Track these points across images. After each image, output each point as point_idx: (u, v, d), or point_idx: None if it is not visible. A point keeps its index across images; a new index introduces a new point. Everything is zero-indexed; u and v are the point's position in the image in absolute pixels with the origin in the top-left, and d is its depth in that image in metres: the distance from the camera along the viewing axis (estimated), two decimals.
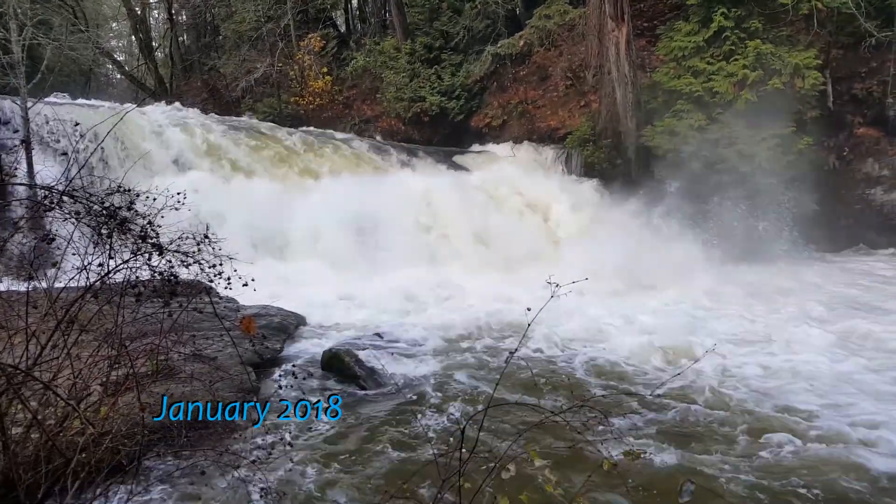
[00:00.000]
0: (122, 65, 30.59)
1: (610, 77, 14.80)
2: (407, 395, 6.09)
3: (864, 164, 14.58)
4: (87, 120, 9.81)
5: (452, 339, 7.91)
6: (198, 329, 5.54)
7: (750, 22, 13.83)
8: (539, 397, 5.58)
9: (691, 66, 14.28)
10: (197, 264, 3.39)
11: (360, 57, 20.88)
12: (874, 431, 5.12)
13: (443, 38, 19.88)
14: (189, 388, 4.85)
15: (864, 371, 6.60)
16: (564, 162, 16.29)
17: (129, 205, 3.44)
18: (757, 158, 13.14)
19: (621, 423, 4.84)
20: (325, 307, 9.21)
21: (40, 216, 3.69)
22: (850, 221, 14.43)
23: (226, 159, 13.00)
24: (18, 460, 3.01)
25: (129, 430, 3.35)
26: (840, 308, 9.31)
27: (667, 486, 4.17)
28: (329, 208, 12.12)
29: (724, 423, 5.39)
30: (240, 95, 21.22)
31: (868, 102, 14.76)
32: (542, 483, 3.30)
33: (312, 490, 4.31)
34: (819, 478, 4.42)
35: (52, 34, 13.78)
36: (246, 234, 10.86)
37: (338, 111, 20.40)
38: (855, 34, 14.34)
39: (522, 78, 18.36)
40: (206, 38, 27.03)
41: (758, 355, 7.18)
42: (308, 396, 4.81)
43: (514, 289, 10.20)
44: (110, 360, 3.54)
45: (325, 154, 14.48)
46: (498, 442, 2.99)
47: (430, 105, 18.50)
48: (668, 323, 8.49)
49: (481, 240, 13.03)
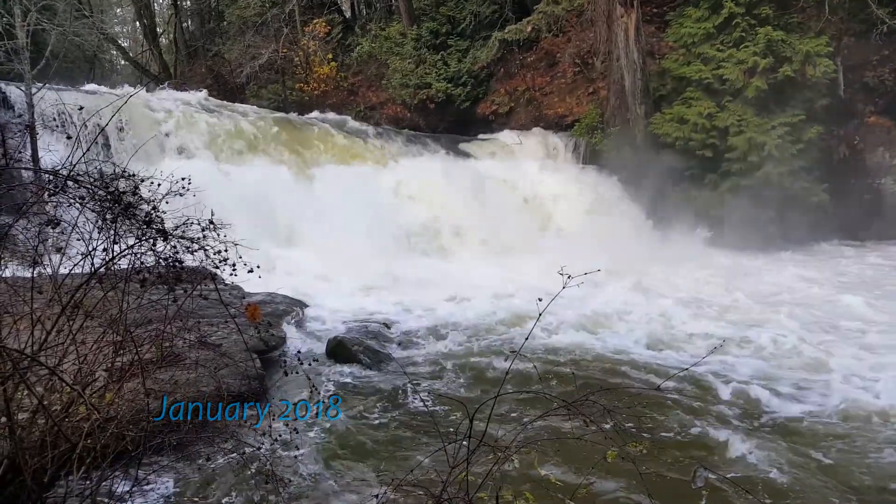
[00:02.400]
0: (127, 51, 30.49)
1: (618, 64, 14.64)
2: (413, 384, 6.08)
3: (875, 154, 14.42)
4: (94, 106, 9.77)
5: (458, 329, 7.88)
6: (203, 316, 5.53)
7: (760, 8, 13.64)
8: (546, 388, 5.55)
9: (701, 53, 14.11)
10: (202, 250, 3.36)
11: (365, 43, 20.71)
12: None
13: (449, 23, 19.68)
14: (194, 375, 4.85)
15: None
16: (572, 150, 16.18)
17: (133, 189, 3.41)
18: (766, 147, 13.01)
19: (629, 415, 4.81)
20: (331, 295, 9.19)
21: (45, 201, 3.66)
22: (859, 211, 14.30)
23: (230, 145, 12.94)
24: (24, 445, 3.01)
25: (134, 416, 3.34)
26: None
27: (679, 474, 4.15)
28: (334, 196, 12.08)
29: (735, 410, 5.37)
30: (244, 81, 21.10)
31: (880, 91, 14.58)
32: (548, 474, 3.29)
33: (317, 478, 4.31)
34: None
35: (57, 20, 13.69)
36: (251, 222, 10.84)
37: (343, 98, 20.28)
38: (867, 21, 14.13)
39: (530, 64, 18.18)
40: (210, 24, 26.88)
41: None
42: (313, 384, 4.80)
43: (523, 278, 10.17)
44: (115, 345, 3.53)
45: (328, 140, 14.39)
46: (505, 432, 2.98)
47: (436, 92, 18.35)
48: (670, 311, 8.46)
49: (487, 229, 12.97)
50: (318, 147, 14.02)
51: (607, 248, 11.13)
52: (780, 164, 13.07)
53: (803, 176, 13.36)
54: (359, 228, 11.74)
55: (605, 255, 9.86)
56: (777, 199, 13.23)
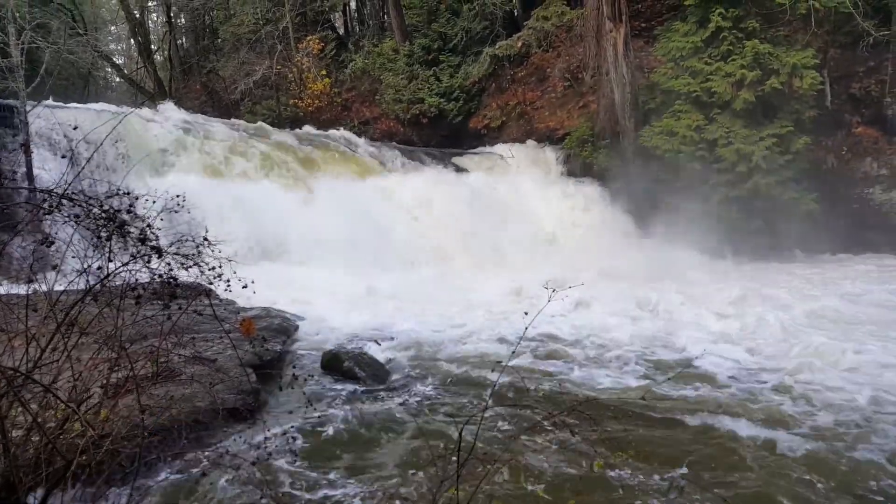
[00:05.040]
0: (121, 68, 30.63)
1: (608, 78, 14.83)
2: (404, 396, 6.10)
3: (863, 164, 14.61)
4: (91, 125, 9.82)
5: (450, 342, 7.91)
6: (198, 331, 5.56)
7: (747, 22, 13.86)
8: (534, 400, 5.59)
9: (689, 67, 14.31)
10: (196, 267, 3.41)
11: (358, 59, 20.91)
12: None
13: (441, 39, 19.91)
14: (189, 390, 4.87)
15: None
16: (563, 163, 16.32)
17: (128, 208, 3.45)
18: (755, 158, 13.17)
19: (614, 425, 4.84)
20: (324, 309, 9.21)
21: (40, 219, 3.71)
22: (848, 221, 14.46)
23: (226, 162, 13.01)
24: (19, 462, 3.02)
25: (129, 433, 3.36)
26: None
27: (659, 485, 4.19)
28: (328, 211, 12.14)
29: (713, 420, 5.42)
30: (239, 98, 21.23)
31: (866, 102, 14.80)
32: (536, 485, 3.32)
33: (311, 491, 4.33)
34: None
35: (51, 38, 13.78)
36: (245, 237, 10.89)
37: (337, 113, 20.43)
38: (853, 33, 14.38)
39: (521, 79, 18.39)
40: (204, 41, 27.06)
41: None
42: (308, 398, 4.82)
43: (512, 289, 10.23)
44: (110, 362, 3.55)
45: (323, 156, 14.49)
46: (494, 444, 3.01)
47: (429, 106, 18.53)
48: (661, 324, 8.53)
49: (479, 241, 13.04)
50: (313, 161, 14.11)
51: (596, 259, 11.19)
52: (768, 175, 13.23)
53: (792, 186, 13.52)
54: (354, 242, 11.79)
55: (593, 267, 9.92)
56: (765, 209, 13.38)
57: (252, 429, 4.92)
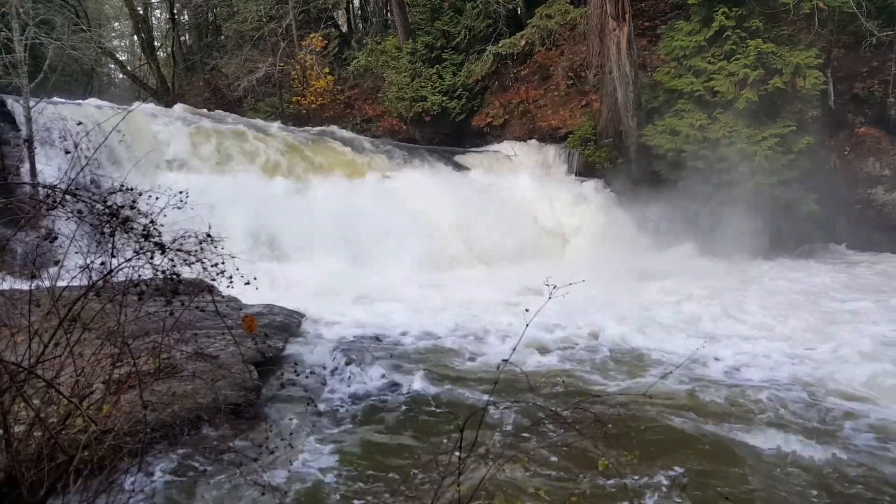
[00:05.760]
0: (125, 64, 30.64)
1: (611, 76, 14.80)
2: (406, 394, 6.11)
3: (865, 164, 14.58)
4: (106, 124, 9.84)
5: (450, 339, 7.92)
6: (200, 328, 5.56)
7: (751, 21, 13.82)
8: (536, 397, 5.59)
9: (692, 66, 14.27)
10: (199, 263, 3.41)
11: (361, 56, 20.89)
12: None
13: (444, 37, 19.88)
14: (191, 387, 4.87)
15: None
16: (566, 161, 16.30)
17: (131, 204, 3.45)
18: (757, 158, 13.14)
19: (616, 422, 4.85)
20: (326, 306, 9.22)
21: (43, 215, 3.71)
22: (850, 221, 14.43)
23: (224, 157, 13.01)
24: (21, 458, 3.03)
25: (131, 428, 3.36)
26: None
27: (661, 483, 4.19)
28: (328, 208, 12.14)
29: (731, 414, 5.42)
30: (242, 95, 21.23)
31: (869, 102, 14.77)
32: (538, 483, 3.32)
33: (312, 489, 4.33)
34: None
35: (55, 34, 13.78)
36: (248, 234, 10.91)
37: (339, 111, 20.41)
38: (856, 33, 14.33)
39: (524, 77, 18.36)
40: (208, 38, 27.04)
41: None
42: (310, 395, 4.83)
43: (513, 288, 10.22)
44: (113, 358, 3.56)
45: (323, 154, 14.48)
46: (496, 442, 3.01)
47: (432, 105, 18.50)
48: (659, 321, 8.51)
49: (480, 240, 13.04)
50: (312, 158, 14.10)
51: (599, 258, 11.19)
52: (770, 175, 13.20)
53: (794, 186, 13.49)
54: (357, 240, 11.79)
55: (597, 266, 9.92)
56: (768, 209, 13.35)
57: (254, 425, 4.93)
